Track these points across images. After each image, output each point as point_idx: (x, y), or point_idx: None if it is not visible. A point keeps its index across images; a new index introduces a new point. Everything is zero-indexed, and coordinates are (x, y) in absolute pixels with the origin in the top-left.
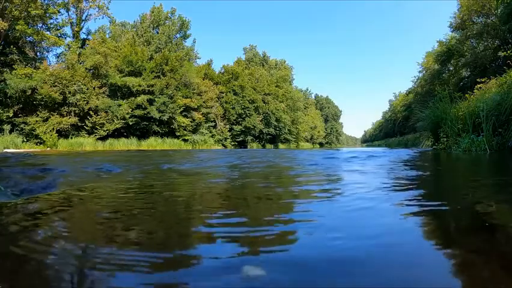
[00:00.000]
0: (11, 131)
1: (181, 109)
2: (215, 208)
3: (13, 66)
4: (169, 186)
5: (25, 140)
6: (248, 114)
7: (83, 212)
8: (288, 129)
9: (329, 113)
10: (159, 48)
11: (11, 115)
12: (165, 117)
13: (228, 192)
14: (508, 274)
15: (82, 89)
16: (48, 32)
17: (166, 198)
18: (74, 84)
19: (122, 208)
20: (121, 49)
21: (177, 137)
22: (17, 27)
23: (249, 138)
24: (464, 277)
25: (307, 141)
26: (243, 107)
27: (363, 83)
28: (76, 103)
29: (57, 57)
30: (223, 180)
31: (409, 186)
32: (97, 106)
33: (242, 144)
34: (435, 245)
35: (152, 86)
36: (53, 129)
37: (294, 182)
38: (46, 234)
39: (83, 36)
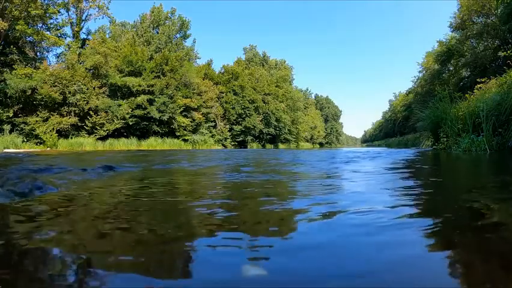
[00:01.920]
0: (11, 131)
1: (181, 109)
2: (215, 208)
3: (13, 66)
4: (169, 185)
5: (25, 140)
6: (248, 114)
7: (83, 212)
8: (288, 129)
9: (329, 113)
10: (159, 48)
11: (11, 115)
12: (165, 117)
13: (227, 193)
14: (507, 274)
15: (82, 89)
16: (48, 32)
17: (165, 198)
18: (74, 84)
19: (122, 208)
20: (121, 49)
21: (177, 137)
22: (17, 27)
23: (249, 138)
24: (463, 277)
25: (307, 141)
26: (243, 107)
27: (363, 83)
28: (76, 103)
29: (57, 57)
30: (222, 181)
31: (409, 186)
32: (97, 106)
33: (242, 144)
34: (434, 244)
35: (152, 86)
36: (53, 129)
37: (294, 184)
38: (46, 234)
39: (83, 36)
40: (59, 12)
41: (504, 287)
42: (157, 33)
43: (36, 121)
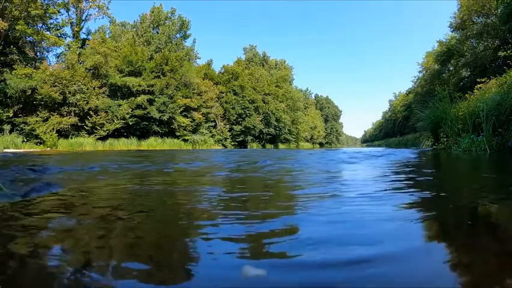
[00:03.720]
0: (11, 131)
1: (181, 109)
2: (214, 208)
3: (13, 66)
4: (168, 185)
5: (25, 140)
6: (248, 114)
7: (84, 212)
8: (288, 129)
9: (329, 113)
10: (159, 48)
11: (11, 115)
12: (165, 117)
13: (227, 193)
14: (507, 273)
15: (82, 89)
16: (48, 32)
17: (165, 198)
18: (74, 84)
19: (122, 208)
20: (121, 49)
21: (177, 137)
22: (17, 27)
23: (249, 138)
24: (462, 276)
25: (307, 141)
26: (243, 107)
27: (363, 83)
28: (76, 103)
29: (57, 57)
30: (222, 180)
31: (409, 186)
32: (97, 106)
33: (242, 144)
34: (434, 244)
35: (152, 86)
36: (53, 129)
37: (294, 183)
38: (47, 234)
39: (83, 36)
40: (59, 12)
41: (504, 286)
42: (157, 33)
43: (36, 121)
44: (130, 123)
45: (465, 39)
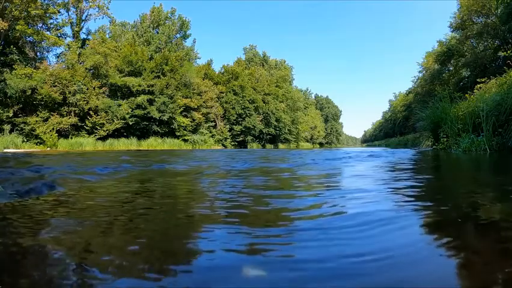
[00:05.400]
0: (11, 131)
1: (181, 109)
2: (214, 209)
3: (13, 66)
4: (168, 186)
5: (25, 140)
6: (248, 114)
7: (83, 212)
8: (288, 129)
9: (329, 113)
10: (159, 48)
11: (11, 115)
12: (165, 117)
13: (226, 194)
14: (507, 273)
15: (82, 89)
16: (48, 32)
17: (165, 198)
18: (74, 84)
19: (122, 208)
20: (121, 49)
21: (177, 137)
22: (17, 27)
23: (249, 138)
24: (462, 277)
25: (307, 141)
26: (243, 107)
27: (363, 83)
28: (76, 103)
29: (57, 57)
30: (221, 181)
31: (409, 186)
32: (97, 106)
33: (242, 144)
34: (434, 244)
35: (152, 86)
36: (53, 129)
37: (294, 184)
38: (46, 235)
39: (83, 36)
40: (59, 12)
41: (504, 286)
42: (157, 33)
43: (36, 121)
44: (130, 123)
45: (465, 39)
